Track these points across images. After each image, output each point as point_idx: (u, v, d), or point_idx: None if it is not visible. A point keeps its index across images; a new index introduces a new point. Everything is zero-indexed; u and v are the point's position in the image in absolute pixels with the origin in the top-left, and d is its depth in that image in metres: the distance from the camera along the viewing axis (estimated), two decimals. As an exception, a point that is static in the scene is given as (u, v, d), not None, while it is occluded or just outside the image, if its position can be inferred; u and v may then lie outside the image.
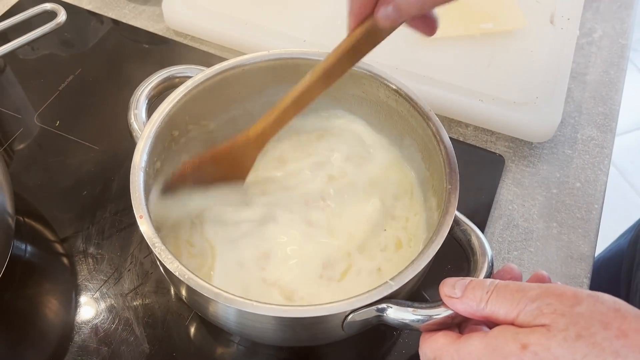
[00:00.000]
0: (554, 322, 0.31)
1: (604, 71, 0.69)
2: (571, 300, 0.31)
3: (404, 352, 0.48)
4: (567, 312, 0.31)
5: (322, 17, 0.69)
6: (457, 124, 0.63)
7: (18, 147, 0.60)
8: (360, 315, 0.38)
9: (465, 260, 0.42)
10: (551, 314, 0.31)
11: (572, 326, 0.30)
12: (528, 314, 0.32)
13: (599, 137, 0.63)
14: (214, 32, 0.69)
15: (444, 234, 0.41)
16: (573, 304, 0.31)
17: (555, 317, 0.31)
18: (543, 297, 0.32)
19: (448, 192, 0.43)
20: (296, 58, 0.50)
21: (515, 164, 0.60)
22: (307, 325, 0.39)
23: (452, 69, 0.63)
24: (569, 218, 0.56)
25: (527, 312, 0.32)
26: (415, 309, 0.38)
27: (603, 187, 0.59)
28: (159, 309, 0.49)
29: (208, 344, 0.48)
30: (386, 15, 0.37)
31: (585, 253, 0.54)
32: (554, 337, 0.30)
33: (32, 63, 0.68)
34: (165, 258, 0.38)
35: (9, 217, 0.48)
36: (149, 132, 0.44)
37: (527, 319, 0.32)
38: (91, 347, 0.47)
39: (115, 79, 0.66)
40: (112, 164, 0.58)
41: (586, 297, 0.31)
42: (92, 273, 0.51)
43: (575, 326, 0.30)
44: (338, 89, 0.52)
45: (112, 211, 0.55)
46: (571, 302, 0.31)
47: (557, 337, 0.30)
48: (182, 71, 0.49)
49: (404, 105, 0.48)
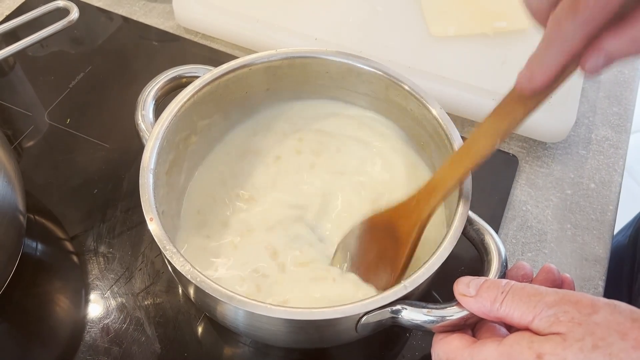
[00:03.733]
0: (570, 330, 0.30)
1: (619, 70, 0.68)
2: (588, 308, 0.31)
3: (416, 354, 0.47)
4: (584, 321, 0.30)
5: (334, 15, 0.68)
6: (470, 124, 0.62)
7: (28, 145, 0.59)
8: (374, 317, 0.38)
9: (478, 261, 0.41)
10: (568, 322, 0.31)
11: (589, 336, 0.30)
12: (544, 320, 0.32)
13: (614, 137, 0.62)
14: (224, 29, 0.68)
15: (458, 234, 0.40)
16: (590, 313, 0.31)
17: (571, 325, 0.30)
18: (560, 304, 0.32)
19: (460, 192, 0.42)
20: (303, 57, 0.50)
21: (529, 164, 0.59)
22: (320, 327, 0.38)
23: (465, 68, 0.63)
24: (583, 219, 0.56)
25: (543, 317, 0.32)
26: (429, 310, 0.38)
27: (618, 188, 0.58)
28: (170, 308, 0.49)
29: (219, 345, 0.48)
30: (596, 66, 0.32)
31: (600, 255, 0.53)
32: (570, 347, 0.30)
33: (41, 60, 0.68)
34: (176, 261, 0.37)
35: (20, 214, 0.48)
36: (157, 133, 0.44)
37: (543, 325, 0.32)
38: (102, 346, 0.46)
39: (125, 76, 0.66)
40: (123, 162, 0.58)
41: (603, 306, 0.31)
42: (103, 272, 0.50)
43: (591, 336, 0.30)
44: (347, 88, 0.51)
45: (123, 209, 0.54)
46: (588, 311, 0.31)
47: (573, 347, 0.30)
48: (190, 71, 0.49)
49: (414, 104, 0.48)
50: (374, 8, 0.69)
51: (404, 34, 0.66)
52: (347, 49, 0.52)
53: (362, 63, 0.49)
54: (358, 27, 0.67)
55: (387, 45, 0.65)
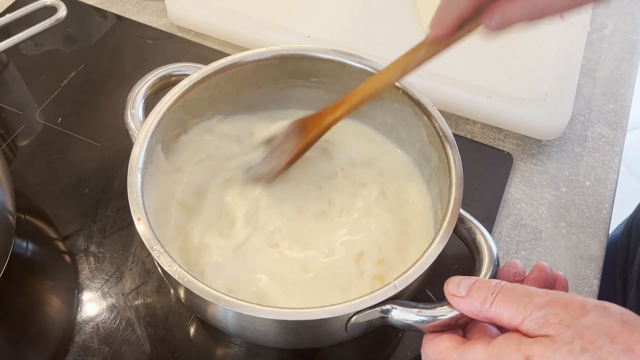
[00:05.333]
0: (559, 333, 0.30)
1: (615, 67, 0.68)
2: (578, 310, 0.31)
3: (408, 354, 0.47)
4: (573, 324, 0.30)
5: (328, 12, 0.68)
6: (465, 121, 0.62)
7: (20, 144, 0.59)
8: (364, 317, 0.37)
9: (472, 260, 0.41)
10: (557, 325, 0.30)
11: (578, 339, 0.30)
12: (533, 322, 0.31)
13: (610, 134, 0.62)
14: (217, 27, 0.68)
15: (449, 233, 0.40)
16: (579, 315, 0.30)
17: (560, 328, 0.30)
18: (550, 306, 0.31)
19: (451, 189, 0.42)
20: (295, 55, 0.49)
21: (523, 162, 0.59)
22: (310, 327, 0.38)
23: (458, 65, 0.62)
24: (578, 217, 0.55)
25: (533, 319, 0.31)
26: (419, 310, 0.37)
27: (613, 185, 0.58)
28: (160, 308, 0.48)
29: (209, 345, 0.47)
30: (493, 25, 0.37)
31: (595, 253, 0.53)
32: (558, 350, 0.30)
33: (35, 59, 0.67)
34: (163, 261, 0.37)
35: (9, 214, 0.47)
36: (146, 133, 0.44)
37: (532, 326, 0.31)
38: (92, 347, 0.46)
39: (118, 75, 0.66)
40: (115, 162, 0.57)
41: (593, 308, 0.31)
42: (94, 272, 0.50)
43: (580, 339, 0.30)
44: (338, 85, 0.51)
45: (114, 209, 0.54)
46: (577, 313, 0.31)
47: (561, 349, 0.30)
48: (179, 69, 0.49)
49: (406, 101, 0.47)
50: (368, 5, 0.68)
51: (399, 30, 0.66)
52: (340, 46, 0.51)
53: (353, 60, 0.49)
54: (352, 24, 0.67)
55: (381, 42, 0.64)
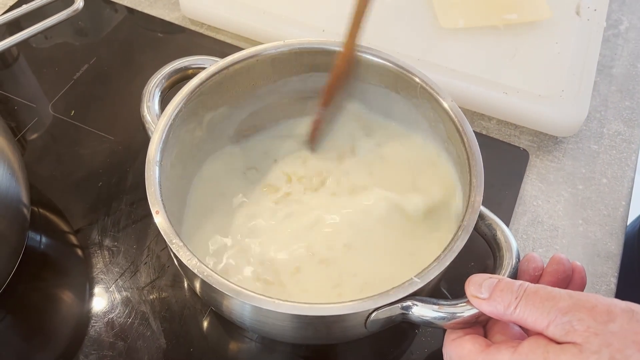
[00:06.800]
0: (586, 341, 0.30)
1: (631, 64, 0.67)
2: (604, 316, 0.30)
3: (425, 350, 0.47)
4: (600, 331, 0.30)
5: (342, 6, 0.67)
6: (480, 117, 0.61)
7: (32, 137, 0.59)
8: (384, 313, 0.37)
9: (488, 257, 0.41)
10: (584, 332, 0.30)
11: (605, 347, 0.29)
12: (559, 327, 0.31)
13: (626, 132, 0.61)
14: (230, 21, 0.67)
15: (470, 229, 0.39)
16: (606, 321, 0.30)
17: (587, 335, 0.30)
18: (574, 311, 0.31)
19: (473, 186, 0.41)
20: (311, 48, 0.49)
21: (539, 158, 0.58)
22: (329, 323, 0.38)
23: (475, 61, 0.62)
24: (595, 215, 0.55)
25: (558, 324, 0.31)
26: (440, 307, 0.37)
27: (630, 183, 0.57)
28: (175, 303, 0.48)
29: (225, 340, 0.47)
30: None
31: (612, 251, 0.52)
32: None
33: (45, 52, 0.67)
34: (183, 255, 0.37)
35: (24, 207, 0.47)
36: (164, 126, 0.43)
37: (558, 332, 0.31)
38: (106, 341, 0.46)
39: (130, 68, 0.65)
40: (128, 155, 0.57)
41: (620, 313, 0.30)
42: (108, 265, 0.50)
43: (608, 348, 0.29)
44: (355, 79, 0.51)
45: (128, 202, 0.54)
46: (604, 319, 0.30)
47: (589, 359, 0.29)
48: (196, 62, 0.48)
49: (425, 97, 0.47)
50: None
51: (413, 25, 0.65)
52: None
53: (371, 54, 0.48)
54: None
55: (396, 37, 0.64)
